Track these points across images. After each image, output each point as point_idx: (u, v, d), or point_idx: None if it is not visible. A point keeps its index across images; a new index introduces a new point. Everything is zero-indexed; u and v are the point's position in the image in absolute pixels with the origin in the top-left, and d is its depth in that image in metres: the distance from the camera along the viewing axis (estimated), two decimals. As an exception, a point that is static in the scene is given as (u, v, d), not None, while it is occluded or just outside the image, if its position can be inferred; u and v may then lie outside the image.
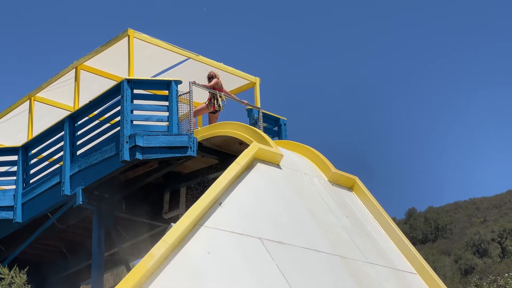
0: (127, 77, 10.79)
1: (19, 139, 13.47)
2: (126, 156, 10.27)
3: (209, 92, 11.74)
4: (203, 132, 10.96)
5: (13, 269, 10.18)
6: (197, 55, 12.24)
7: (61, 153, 11.55)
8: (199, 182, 11.70)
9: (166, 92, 10.79)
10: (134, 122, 10.56)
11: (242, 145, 10.48)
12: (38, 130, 12.57)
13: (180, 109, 10.73)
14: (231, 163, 9.35)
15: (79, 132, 11.43)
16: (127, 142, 10.30)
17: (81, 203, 10.97)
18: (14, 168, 12.48)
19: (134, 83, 10.77)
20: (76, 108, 11.66)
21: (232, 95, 12.44)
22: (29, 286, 10.23)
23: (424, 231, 71.39)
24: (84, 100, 11.71)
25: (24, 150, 12.34)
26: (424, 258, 10.67)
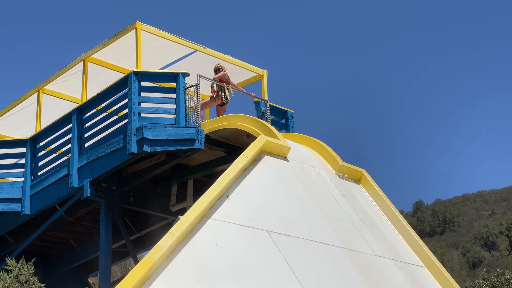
0: (135, 70, 10.79)
1: (27, 132, 13.50)
2: (134, 149, 10.28)
3: (216, 84, 11.73)
4: (210, 124, 10.96)
5: (20, 261, 10.23)
6: (204, 48, 12.23)
7: (69, 145, 11.57)
8: (206, 174, 11.71)
9: (173, 85, 10.78)
10: (142, 115, 10.56)
11: (250, 138, 10.48)
12: (46, 122, 12.60)
13: (187, 101, 10.73)
14: (239, 155, 9.35)
15: (87, 125, 11.44)
16: (134, 134, 10.31)
17: (88, 195, 10.99)
18: (23, 161, 12.51)
19: (142, 76, 10.77)
20: (84, 100, 11.68)
21: (240, 87, 12.42)
22: (37, 277, 10.27)
23: (432, 224, 71.32)
24: (92, 92, 11.73)
25: (32, 142, 12.37)
26: (431, 251, 10.66)
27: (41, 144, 12.29)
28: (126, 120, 10.60)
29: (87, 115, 11.48)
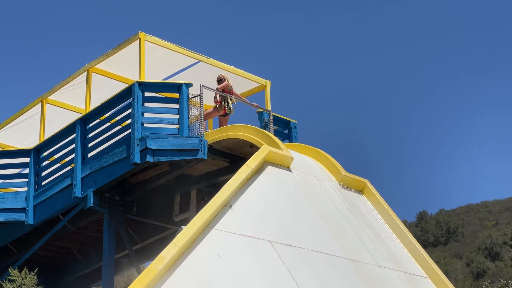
0: (138, 80, 10.83)
1: (31, 142, 13.53)
2: (137, 159, 10.30)
3: (220, 95, 11.75)
4: (213, 134, 10.98)
5: (23, 270, 10.23)
6: (207, 58, 12.26)
7: (73, 155, 11.60)
8: (209, 184, 11.71)
9: (177, 95, 10.82)
10: (145, 125, 10.59)
11: (253, 148, 10.49)
12: (49, 132, 12.63)
13: (190, 111, 10.75)
14: (242, 165, 9.36)
15: (90, 135, 11.47)
16: (138, 144, 10.34)
17: (92, 205, 11.01)
18: (26, 171, 12.53)
19: (145, 86, 10.80)
20: (88, 110, 11.71)
21: (243, 98, 12.45)
22: (40, 287, 10.26)
23: (436, 234, 71.07)
24: (95, 102, 11.76)
25: (36, 152, 12.40)
26: (435, 261, 10.65)
27: (45, 154, 12.32)
28: (129, 130, 10.62)
29: (90, 125, 11.51)
